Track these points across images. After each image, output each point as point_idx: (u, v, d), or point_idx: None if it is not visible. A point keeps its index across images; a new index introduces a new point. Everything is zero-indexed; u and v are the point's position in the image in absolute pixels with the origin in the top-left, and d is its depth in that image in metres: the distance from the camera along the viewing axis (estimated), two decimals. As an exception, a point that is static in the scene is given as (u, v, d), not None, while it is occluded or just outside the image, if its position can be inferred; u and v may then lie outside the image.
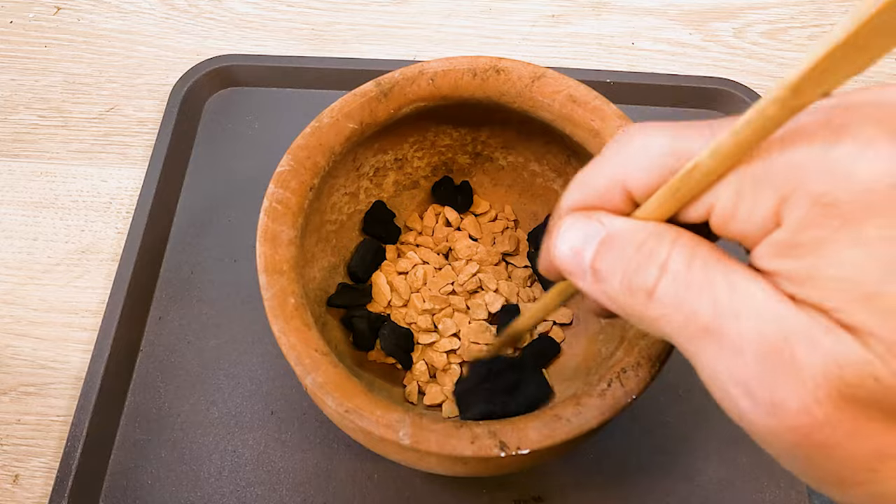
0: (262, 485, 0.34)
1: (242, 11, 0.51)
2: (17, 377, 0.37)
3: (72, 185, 0.43)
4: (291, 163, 0.28)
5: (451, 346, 0.33)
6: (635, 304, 0.16)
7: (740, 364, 0.14)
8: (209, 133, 0.45)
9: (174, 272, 0.40)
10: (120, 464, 0.34)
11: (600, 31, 0.50)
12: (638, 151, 0.16)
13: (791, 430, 0.14)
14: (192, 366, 0.37)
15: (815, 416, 0.13)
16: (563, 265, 0.18)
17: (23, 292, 0.39)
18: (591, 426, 0.23)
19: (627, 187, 0.17)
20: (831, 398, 0.13)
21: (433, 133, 0.34)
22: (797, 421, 0.13)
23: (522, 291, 0.35)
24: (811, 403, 0.13)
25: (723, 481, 0.34)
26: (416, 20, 0.51)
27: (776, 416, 0.14)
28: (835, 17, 0.51)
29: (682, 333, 0.15)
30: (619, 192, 0.17)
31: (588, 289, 0.17)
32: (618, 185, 0.17)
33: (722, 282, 0.15)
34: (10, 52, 0.49)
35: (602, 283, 0.17)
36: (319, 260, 0.32)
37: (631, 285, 0.16)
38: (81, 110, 0.46)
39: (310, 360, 0.24)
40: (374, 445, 0.25)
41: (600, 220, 0.17)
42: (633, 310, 0.16)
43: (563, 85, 0.29)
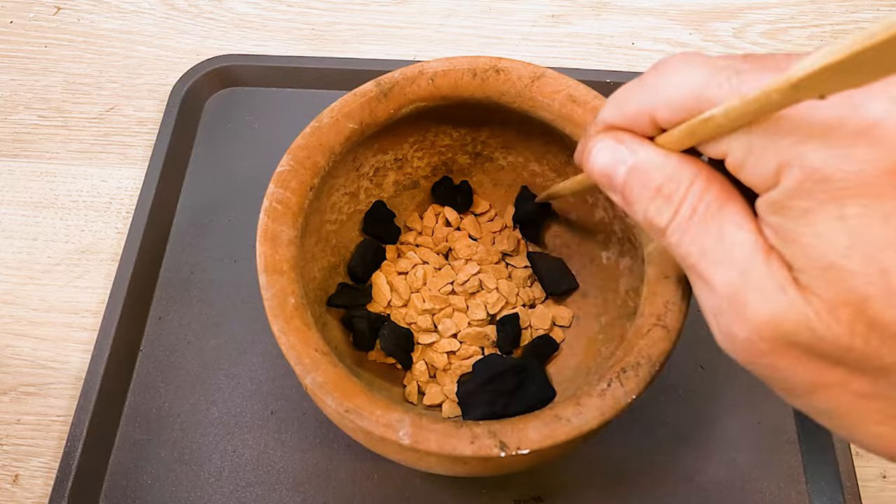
0: (262, 485, 0.34)
1: (242, 11, 0.51)
2: (17, 377, 0.37)
3: (72, 185, 0.43)
4: (291, 163, 0.28)
5: (451, 346, 0.33)
6: (653, 234, 0.19)
7: (713, 299, 0.17)
8: (209, 133, 0.45)
9: (174, 272, 0.40)
10: (120, 464, 0.34)
11: (600, 31, 0.50)
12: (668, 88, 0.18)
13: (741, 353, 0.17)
14: (192, 366, 0.37)
15: (759, 347, 0.17)
16: (597, 179, 0.20)
17: (23, 292, 0.39)
18: (591, 426, 0.23)
19: (655, 117, 0.18)
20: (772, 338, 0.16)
21: (433, 133, 0.34)
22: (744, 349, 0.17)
23: (522, 291, 0.35)
24: (755, 338, 0.17)
25: (723, 481, 0.34)
26: (416, 20, 0.51)
27: (731, 342, 0.17)
28: (835, 16, 0.51)
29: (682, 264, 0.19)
30: (647, 120, 0.19)
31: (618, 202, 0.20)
32: (646, 113, 0.19)
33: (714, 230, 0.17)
34: (10, 52, 0.49)
35: (629, 207, 0.19)
36: (319, 260, 0.32)
37: (650, 221, 0.19)
38: (81, 110, 0.46)
39: (310, 359, 0.24)
40: (374, 445, 0.25)
41: (628, 145, 0.19)
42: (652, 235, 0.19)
43: (562, 85, 0.29)
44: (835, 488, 0.33)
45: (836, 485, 0.33)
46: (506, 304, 0.34)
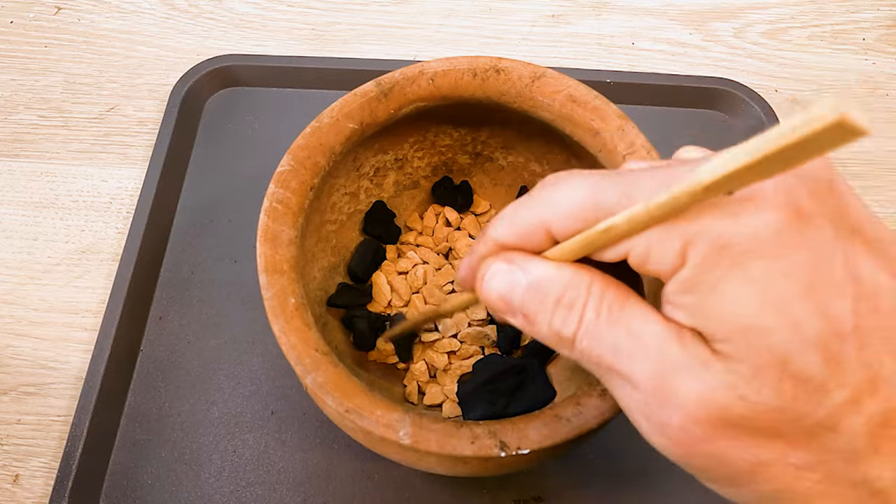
0: (262, 485, 0.34)
1: (242, 11, 0.51)
2: (17, 377, 0.37)
3: (72, 185, 0.43)
4: (291, 163, 0.28)
5: (451, 346, 0.33)
6: (561, 346, 0.19)
7: (637, 395, 0.17)
8: (209, 133, 0.45)
9: (174, 272, 0.40)
10: (120, 464, 0.34)
11: (600, 31, 0.50)
12: (561, 200, 0.18)
13: (677, 445, 0.17)
14: (192, 366, 0.37)
15: (694, 433, 0.16)
16: (494, 308, 0.20)
17: (23, 292, 0.39)
18: (591, 426, 0.23)
19: (550, 230, 0.18)
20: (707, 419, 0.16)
21: (433, 133, 0.34)
22: (680, 437, 0.16)
23: (522, 291, 0.35)
24: (690, 424, 0.16)
25: (723, 481, 0.34)
26: (416, 20, 0.51)
27: (665, 434, 0.17)
28: (835, 16, 0.51)
29: (597, 371, 0.18)
30: (542, 233, 0.19)
31: (519, 326, 0.20)
32: (542, 226, 0.18)
33: (623, 327, 0.17)
34: (10, 52, 0.49)
35: (532, 326, 0.19)
36: (319, 260, 0.32)
37: (557, 333, 0.18)
38: (81, 110, 0.46)
39: (310, 359, 0.24)
40: (374, 445, 0.25)
41: (521, 265, 0.19)
42: (559, 349, 0.19)
43: (563, 85, 0.29)
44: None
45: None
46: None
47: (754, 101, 0.44)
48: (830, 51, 0.50)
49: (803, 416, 0.15)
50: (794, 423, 0.15)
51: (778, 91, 0.48)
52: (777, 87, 0.48)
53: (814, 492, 0.16)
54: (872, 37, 0.50)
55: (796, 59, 0.49)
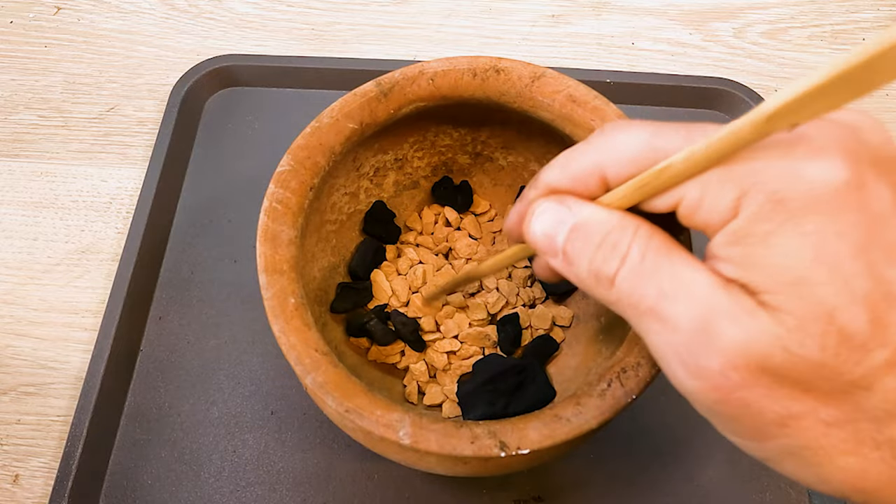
0: (262, 485, 0.34)
1: (242, 11, 0.51)
2: (17, 377, 0.37)
3: (72, 185, 0.43)
4: (291, 163, 0.28)
5: (451, 346, 0.33)
6: (599, 287, 0.19)
7: (676, 338, 0.17)
8: (209, 133, 0.45)
9: (174, 272, 0.40)
10: (120, 464, 0.34)
11: (600, 31, 0.50)
12: (619, 144, 0.18)
13: (713, 390, 0.17)
14: (192, 366, 0.37)
15: (732, 379, 0.16)
16: (537, 245, 0.20)
17: (23, 292, 0.39)
18: (591, 426, 0.23)
19: (605, 175, 0.19)
20: (747, 366, 0.16)
21: (433, 133, 0.34)
22: (717, 382, 0.16)
23: (522, 291, 0.35)
24: (728, 369, 0.16)
25: (723, 481, 0.34)
26: (416, 20, 0.51)
27: (701, 378, 0.17)
28: (835, 16, 0.51)
29: (633, 313, 0.18)
30: (597, 178, 0.19)
31: (559, 268, 0.20)
32: (597, 171, 0.19)
33: (667, 271, 0.17)
34: (10, 52, 0.49)
35: (572, 266, 0.19)
36: (319, 260, 0.32)
37: (597, 273, 0.18)
38: (81, 110, 0.46)
39: (310, 359, 0.24)
40: (374, 445, 0.25)
41: (570, 206, 0.19)
42: (596, 291, 0.19)
43: (562, 85, 0.29)
44: (835, 488, 0.33)
45: (836, 485, 0.33)
46: (506, 304, 0.34)
47: (754, 101, 0.44)
48: (830, 51, 0.50)
49: (841, 372, 0.15)
50: (831, 378, 0.15)
51: (778, 91, 0.48)
52: (777, 87, 0.48)
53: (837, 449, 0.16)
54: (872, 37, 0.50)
55: (796, 59, 0.49)
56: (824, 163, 0.16)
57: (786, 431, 0.16)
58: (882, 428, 0.16)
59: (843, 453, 0.16)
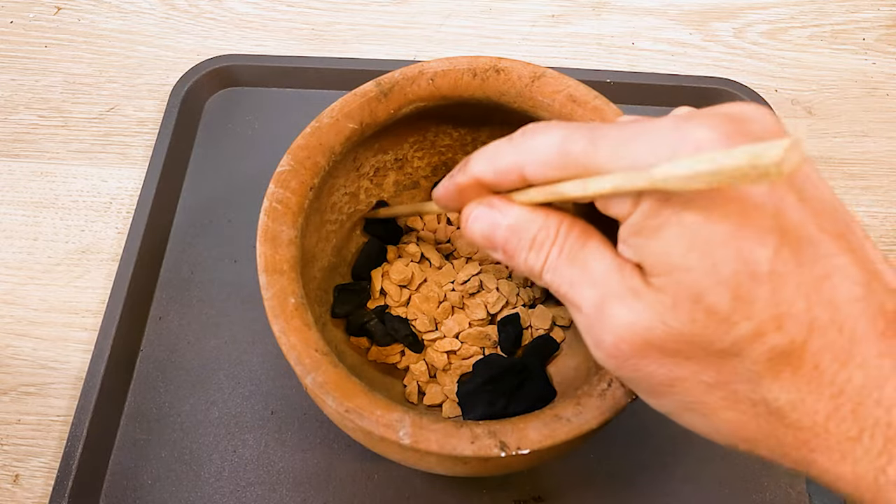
0: (262, 485, 0.34)
1: (242, 11, 0.51)
2: (17, 377, 0.37)
3: (72, 185, 0.43)
4: (291, 163, 0.28)
5: (451, 346, 0.33)
6: (534, 277, 0.22)
7: (582, 318, 0.20)
8: (209, 133, 0.45)
9: (174, 272, 0.40)
10: (120, 464, 0.34)
11: (600, 31, 0.50)
12: (535, 146, 0.21)
13: (609, 358, 0.20)
14: (192, 366, 0.37)
15: (623, 350, 0.19)
16: (478, 244, 0.23)
17: (23, 292, 0.39)
18: (591, 426, 0.23)
19: (523, 173, 0.21)
20: (633, 339, 0.19)
21: (433, 133, 0.34)
22: (611, 352, 0.20)
23: (522, 291, 0.35)
24: (619, 342, 0.19)
25: (723, 481, 0.34)
26: (416, 20, 0.51)
27: (600, 349, 0.20)
28: (835, 16, 0.51)
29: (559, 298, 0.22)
30: (516, 175, 0.21)
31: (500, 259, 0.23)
32: (516, 169, 0.21)
33: (579, 263, 0.20)
34: (10, 52, 0.49)
35: (511, 260, 0.22)
36: (319, 260, 0.32)
37: (529, 268, 0.22)
38: (81, 110, 0.46)
39: (310, 359, 0.24)
40: (374, 445, 0.25)
41: (500, 209, 0.22)
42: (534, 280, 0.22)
43: (563, 85, 0.29)
44: (835, 488, 0.33)
45: (836, 485, 0.33)
46: (506, 304, 0.34)
47: (754, 101, 0.44)
48: (830, 51, 0.50)
49: (711, 341, 0.18)
50: (704, 347, 0.18)
51: (778, 91, 0.48)
52: (777, 87, 0.48)
53: (719, 406, 0.19)
54: (872, 37, 0.50)
55: (796, 59, 0.49)
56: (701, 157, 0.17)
57: (674, 390, 0.19)
58: (755, 388, 0.18)
59: (725, 409, 0.19)
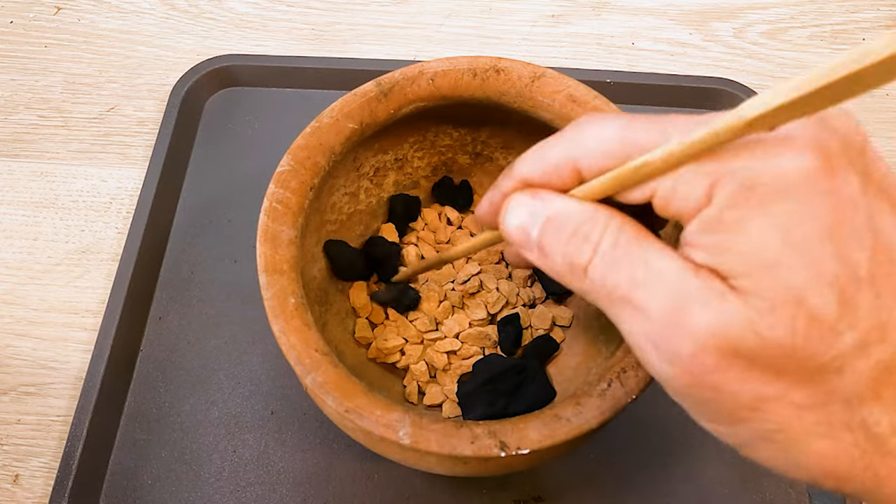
0: (262, 485, 0.34)
1: (242, 11, 0.51)
2: (17, 377, 0.37)
3: (72, 185, 0.43)
4: (291, 163, 0.28)
5: (451, 346, 0.33)
6: (573, 277, 0.19)
7: (648, 325, 0.17)
8: (209, 133, 0.45)
9: (174, 272, 0.40)
10: (120, 464, 0.34)
11: (600, 31, 0.50)
12: (592, 137, 0.18)
13: (685, 374, 0.17)
14: (192, 366, 0.37)
15: (705, 363, 0.16)
16: (512, 239, 0.20)
17: (23, 292, 0.39)
18: (591, 426, 0.23)
19: (578, 167, 0.19)
20: (719, 349, 0.16)
21: (433, 133, 0.34)
22: (689, 366, 0.16)
23: (522, 291, 0.35)
24: (700, 353, 0.16)
25: (723, 481, 0.34)
26: (416, 20, 0.51)
27: (674, 363, 0.17)
28: (835, 16, 0.51)
29: (607, 302, 0.18)
30: (570, 171, 0.19)
31: (534, 260, 0.20)
32: (570, 164, 0.19)
33: (638, 259, 0.17)
34: (10, 52, 0.49)
35: (547, 258, 0.19)
36: (319, 260, 0.32)
37: (570, 263, 0.19)
38: (81, 110, 0.46)
39: (310, 359, 0.24)
40: (374, 445, 0.25)
41: (543, 199, 0.19)
42: (571, 281, 0.19)
43: (562, 85, 0.29)
44: (835, 488, 0.33)
45: (836, 485, 0.33)
46: (506, 304, 0.34)
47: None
48: (830, 51, 0.50)
49: (812, 355, 0.15)
50: (802, 361, 0.15)
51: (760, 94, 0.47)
52: (777, 87, 0.48)
53: (810, 432, 0.16)
54: (872, 37, 0.50)
55: (796, 59, 0.49)
56: (794, 150, 0.16)
57: (758, 415, 0.16)
58: (853, 411, 0.16)
59: (816, 436, 0.16)
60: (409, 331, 0.33)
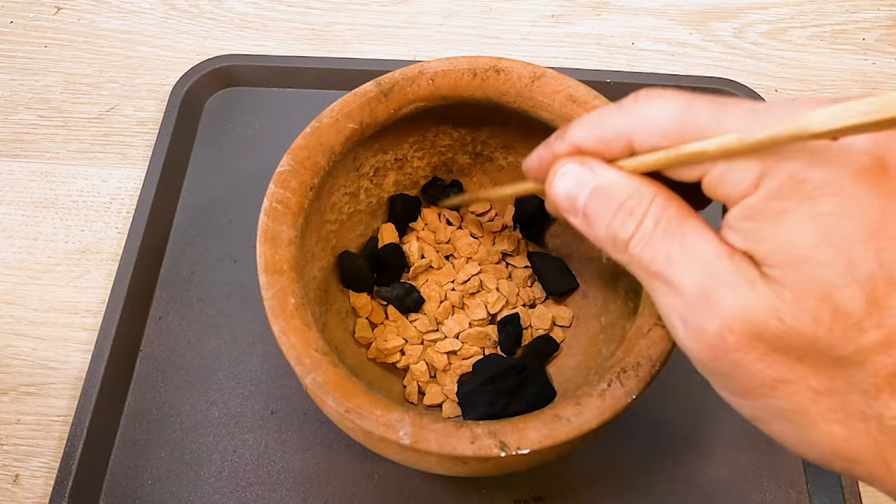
0: (262, 485, 0.34)
1: (242, 11, 0.51)
2: (17, 377, 0.37)
3: (72, 185, 0.43)
4: (291, 163, 0.28)
5: (451, 346, 0.33)
6: (614, 248, 0.20)
7: (679, 301, 0.18)
8: (209, 133, 0.45)
9: (174, 272, 0.40)
10: (120, 464, 0.34)
11: (600, 31, 0.50)
12: (651, 113, 0.19)
13: (708, 349, 0.18)
14: (192, 366, 0.37)
15: (727, 340, 0.17)
16: (559, 203, 0.21)
17: (23, 292, 0.39)
18: (591, 426, 0.23)
19: (632, 141, 0.19)
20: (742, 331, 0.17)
21: (433, 133, 0.34)
22: (713, 342, 0.17)
23: (522, 291, 0.35)
24: (724, 331, 0.17)
25: (723, 481, 0.34)
26: (416, 20, 0.51)
27: (699, 338, 0.18)
28: (835, 16, 0.51)
29: (644, 275, 0.19)
30: (623, 143, 0.19)
31: (578, 226, 0.21)
32: (625, 137, 0.19)
33: (677, 239, 0.18)
34: (10, 52, 0.49)
35: (591, 227, 0.20)
36: (319, 260, 0.32)
37: (613, 236, 0.19)
38: (81, 110, 0.46)
39: (310, 359, 0.24)
40: (374, 445, 0.25)
41: (593, 169, 0.20)
42: (612, 251, 0.20)
43: (562, 85, 0.29)
44: (835, 488, 0.33)
45: (837, 485, 0.33)
46: (506, 304, 0.34)
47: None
48: (830, 51, 0.50)
49: (834, 347, 0.16)
50: (823, 351, 0.16)
51: (778, 91, 0.48)
52: (777, 87, 0.48)
53: (825, 417, 0.17)
54: (872, 37, 0.50)
55: (796, 59, 0.49)
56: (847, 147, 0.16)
57: (776, 393, 0.17)
58: (871, 402, 0.16)
59: (830, 421, 0.17)
60: (409, 331, 0.33)
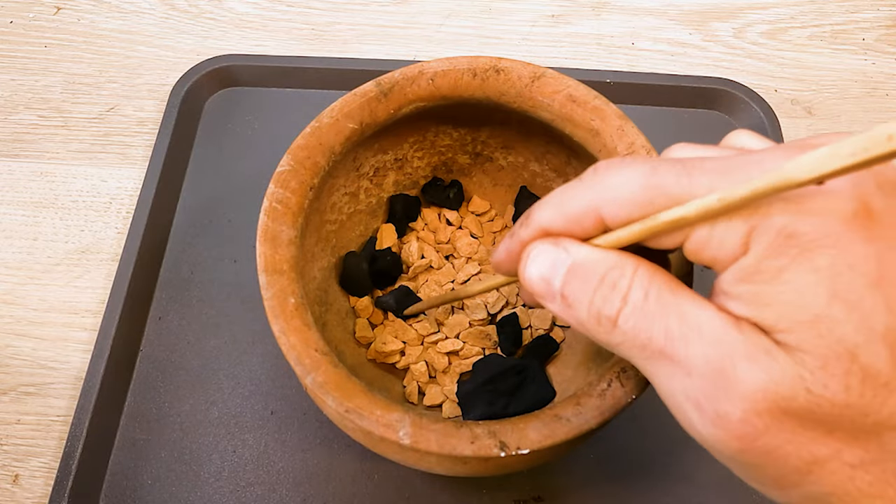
0: (262, 485, 0.34)
1: (242, 11, 0.51)
2: (17, 377, 0.37)
3: (72, 185, 0.43)
4: (291, 163, 0.28)
5: (451, 346, 0.33)
6: (601, 330, 0.18)
7: (689, 382, 0.16)
8: (209, 133, 0.45)
9: (174, 272, 0.40)
10: (120, 464, 0.34)
11: (600, 31, 0.50)
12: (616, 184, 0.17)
13: (735, 438, 0.16)
14: (192, 366, 0.37)
15: (756, 426, 0.15)
16: (533, 290, 0.19)
17: (23, 292, 0.39)
18: (591, 426, 0.23)
19: (602, 215, 0.18)
20: (769, 410, 0.15)
21: (433, 133, 0.34)
22: (740, 430, 0.15)
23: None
24: (751, 414, 0.15)
25: (723, 481, 0.34)
26: (416, 20, 0.51)
27: (721, 426, 0.16)
28: (835, 16, 0.51)
29: (640, 356, 0.17)
30: (593, 219, 0.18)
31: (558, 312, 0.19)
32: (593, 212, 0.18)
33: (674, 311, 0.16)
34: (10, 52, 0.49)
35: (571, 309, 0.18)
36: (319, 260, 0.32)
37: (597, 314, 0.18)
38: (81, 110, 0.46)
39: (310, 360, 0.24)
40: (374, 445, 0.25)
41: (566, 248, 0.18)
42: (599, 334, 0.18)
43: (562, 85, 0.29)
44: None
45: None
46: (506, 304, 0.34)
47: (754, 102, 0.44)
48: (830, 51, 0.50)
49: (867, 413, 0.15)
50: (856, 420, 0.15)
51: (778, 91, 0.48)
52: (777, 87, 0.48)
53: (864, 493, 0.15)
54: (872, 37, 0.50)
55: (796, 59, 0.49)
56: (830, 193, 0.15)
57: (810, 479, 0.16)
58: None
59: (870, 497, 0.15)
60: (409, 333, 0.33)
